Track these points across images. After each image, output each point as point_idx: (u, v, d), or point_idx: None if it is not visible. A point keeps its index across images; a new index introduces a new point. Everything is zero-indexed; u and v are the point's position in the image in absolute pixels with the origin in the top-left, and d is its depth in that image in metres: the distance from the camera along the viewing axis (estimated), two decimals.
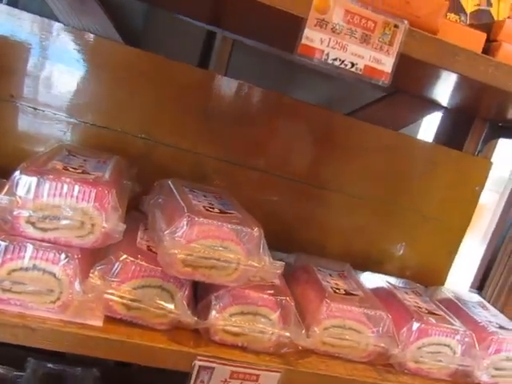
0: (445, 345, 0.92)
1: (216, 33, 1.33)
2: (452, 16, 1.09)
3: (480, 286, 2.86)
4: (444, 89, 1.03)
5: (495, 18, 1.12)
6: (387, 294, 1.04)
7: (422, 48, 0.71)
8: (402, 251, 1.40)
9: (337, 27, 0.68)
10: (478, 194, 1.36)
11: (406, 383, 0.91)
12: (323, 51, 0.68)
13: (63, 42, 1.04)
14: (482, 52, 0.78)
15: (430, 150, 1.33)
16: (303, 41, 0.67)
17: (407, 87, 1.21)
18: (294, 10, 0.67)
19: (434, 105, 1.34)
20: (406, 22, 0.69)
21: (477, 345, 0.94)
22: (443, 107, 1.36)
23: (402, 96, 1.30)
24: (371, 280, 1.14)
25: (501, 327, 1.02)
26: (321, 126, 1.25)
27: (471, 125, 1.34)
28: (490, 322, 1.03)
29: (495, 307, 1.18)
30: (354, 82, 1.34)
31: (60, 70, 1.05)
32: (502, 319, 1.08)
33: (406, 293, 1.06)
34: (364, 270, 1.23)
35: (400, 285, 1.12)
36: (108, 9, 1.11)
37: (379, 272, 1.27)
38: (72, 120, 1.09)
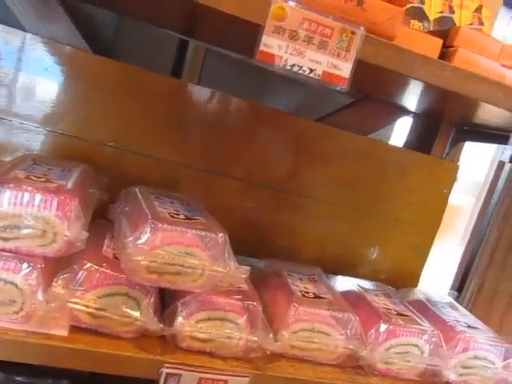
0: (413, 345, 0.94)
1: (188, 41, 1.34)
2: (415, 23, 1.12)
3: (460, 287, 2.91)
4: (407, 94, 1.05)
5: (458, 25, 1.15)
6: (357, 296, 1.05)
7: (378, 54, 0.73)
8: (375, 255, 1.41)
9: (294, 34, 0.69)
10: (446, 197, 1.38)
11: None
12: (281, 57, 0.69)
13: (30, 51, 1.03)
14: (439, 57, 0.81)
15: (399, 154, 1.36)
16: (261, 47, 0.68)
17: (373, 93, 1.24)
18: (252, 18, 0.68)
19: (403, 110, 1.36)
20: (362, 28, 0.71)
21: (444, 344, 0.96)
22: (411, 112, 1.38)
23: (369, 102, 1.32)
24: (342, 283, 1.15)
25: (469, 326, 1.04)
26: (292, 133, 1.26)
27: (438, 129, 1.37)
28: (459, 321, 1.05)
29: (473, 308, 1.20)
30: (326, 89, 1.35)
31: (28, 79, 1.05)
32: (471, 319, 1.10)
33: (376, 295, 1.08)
34: (338, 274, 1.24)
35: (371, 287, 1.13)
36: (77, 19, 1.11)
37: (353, 276, 1.28)
38: (40, 129, 1.08)
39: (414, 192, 1.36)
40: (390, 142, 1.43)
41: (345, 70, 0.72)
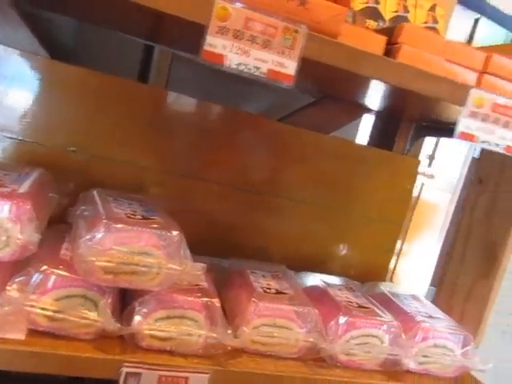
0: (373, 336, 0.96)
1: (154, 46, 1.35)
2: (371, 23, 1.14)
3: (439, 282, 2.95)
4: (360, 92, 1.07)
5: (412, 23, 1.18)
6: (320, 291, 1.07)
7: (322, 51, 0.75)
8: (344, 252, 1.43)
9: (238, 34, 0.70)
10: (409, 192, 1.41)
11: (337, 376, 0.93)
12: (226, 57, 0.71)
13: None
14: (385, 54, 0.83)
15: (362, 151, 1.38)
16: (206, 47, 0.69)
17: (332, 92, 1.26)
18: (196, 19, 0.69)
19: (363, 108, 1.39)
20: (304, 26, 0.73)
21: (404, 334, 0.98)
22: (372, 110, 1.41)
23: (330, 101, 1.34)
24: (309, 280, 1.17)
25: (429, 316, 1.06)
26: (258, 134, 1.28)
27: (399, 126, 1.40)
28: (419, 312, 1.07)
29: (450, 303, 1.21)
30: (291, 90, 1.38)
31: None
32: (432, 309, 1.12)
33: (340, 289, 1.09)
34: (309, 271, 1.26)
35: (335, 283, 1.15)
36: (34, 25, 1.11)
37: (324, 272, 1.30)
38: (1, 137, 1.08)
39: (379, 189, 1.39)
40: (354, 140, 1.46)
41: (290, 67, 0.74)
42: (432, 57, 0.85)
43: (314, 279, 1.17)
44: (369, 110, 1.41)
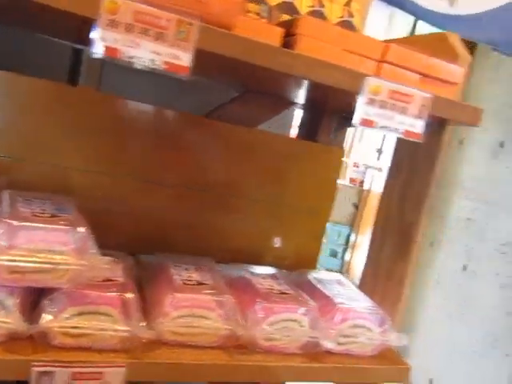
0: (292, 320, 0.98)
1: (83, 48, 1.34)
2: (287, 18, 1.17)
3: (364, 266, 3.06)
4: (273, 85, 1.10)
5: (328, 18, 1.22)
6: (244, 281, 1.09)
7: (218, 43, 0.77)
8: (276, 243, 1.46)
9: (129, 27, 0.71)
10: (335, 181, 1.46)
11: (259, 361, 0.95)
12: (119, 50, 0.71)
13: None
14: (284, 46, 0.86)
15: (288, 144, 1.42)
16: (97, 41, 0.70)
17: (251, 86, 1.28)
18: (86, 13, 0.70)
19: (286, 101, 1.42)
20: (198, 19, 0.74)
21: (324, 317, 1.01)
22: (295, 103, 1.45)
23: (253, 95, 1.37)
24: (236, 271, 1.19)
25: (350, 299, 1.10)
26: (182, 131, 1.29)
27: (323, 117, 1.44)
28: (340, 295, 1.11)
29: (374, 284, 1.25)
30: (227, 86, 1.40)
31: None
32: (354, 292, 1.17)
33: (263, 278, 1.12)
34: (244, 263, 1.27)
35: (263, 272, 1.17)
36: None
37: (258, 264, 1.31)
38: None
39: (305, 179, 1.42)
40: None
41: (185, 59, 0.75)
42: (330, 47, 0.88)
43: (241, 271, 1.19)
44: (293, 103, 1.44)
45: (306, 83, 0.99)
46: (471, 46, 2.54)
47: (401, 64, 0.97)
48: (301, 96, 1.29)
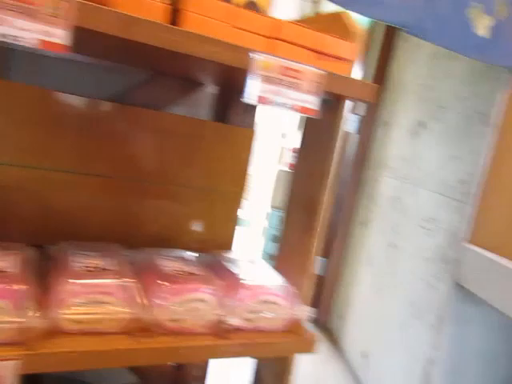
0: (199, 300, 0.99)
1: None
2: None
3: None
4: (169, 65, 1.08)
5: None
6: (151, 265, 1.08)
7: (99, 20, 0.74)
8: (193, 226, 1.46)
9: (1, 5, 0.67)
10: (247, 162, 1.46)
11: (165, 343, 0.95)
12: None
13: None
14: (172, 22, 0.85)
15: (200, 126, 1.41)
16: None
17: (157, 68, 1.26)
18: None
19: (195, 83, 1.41)
20: None
21: (231, 294, 1.02)
22: (205, 84, 1.44)
23: (161, 77, 1.35)
24: (147, 256, 1.17)
25: (258, 276, 1.12)
26: (92, 116, 1.25)
27: (231, 98, 1.44)
28: (249, 273, 1.13)
29: (285, 259, 1.27)
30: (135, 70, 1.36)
31: None
32: (264, 270, 1.19)
33: (172, 261, 1.11)
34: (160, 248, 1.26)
35: (170, 255, 1.16)
36: None
37: (175, 248, 1.30)
38: None
39: (218, 162, 1.43)
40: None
41: (62, 37, 0.72)
42: (219, 24, 0.88)
43: (151, 255, 1.18)
44: (200, 85, 1.43)
45: (196, 61, 0.97)
46: (392, 28, 2.63)
47: (294, 41, 0.98)
48: (206, 77, 1.28)
